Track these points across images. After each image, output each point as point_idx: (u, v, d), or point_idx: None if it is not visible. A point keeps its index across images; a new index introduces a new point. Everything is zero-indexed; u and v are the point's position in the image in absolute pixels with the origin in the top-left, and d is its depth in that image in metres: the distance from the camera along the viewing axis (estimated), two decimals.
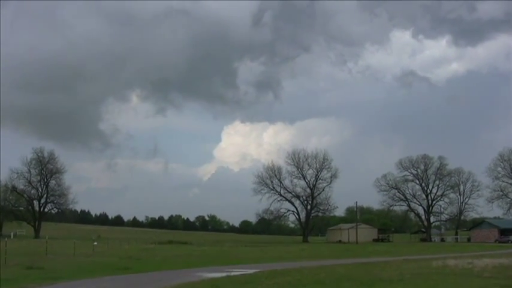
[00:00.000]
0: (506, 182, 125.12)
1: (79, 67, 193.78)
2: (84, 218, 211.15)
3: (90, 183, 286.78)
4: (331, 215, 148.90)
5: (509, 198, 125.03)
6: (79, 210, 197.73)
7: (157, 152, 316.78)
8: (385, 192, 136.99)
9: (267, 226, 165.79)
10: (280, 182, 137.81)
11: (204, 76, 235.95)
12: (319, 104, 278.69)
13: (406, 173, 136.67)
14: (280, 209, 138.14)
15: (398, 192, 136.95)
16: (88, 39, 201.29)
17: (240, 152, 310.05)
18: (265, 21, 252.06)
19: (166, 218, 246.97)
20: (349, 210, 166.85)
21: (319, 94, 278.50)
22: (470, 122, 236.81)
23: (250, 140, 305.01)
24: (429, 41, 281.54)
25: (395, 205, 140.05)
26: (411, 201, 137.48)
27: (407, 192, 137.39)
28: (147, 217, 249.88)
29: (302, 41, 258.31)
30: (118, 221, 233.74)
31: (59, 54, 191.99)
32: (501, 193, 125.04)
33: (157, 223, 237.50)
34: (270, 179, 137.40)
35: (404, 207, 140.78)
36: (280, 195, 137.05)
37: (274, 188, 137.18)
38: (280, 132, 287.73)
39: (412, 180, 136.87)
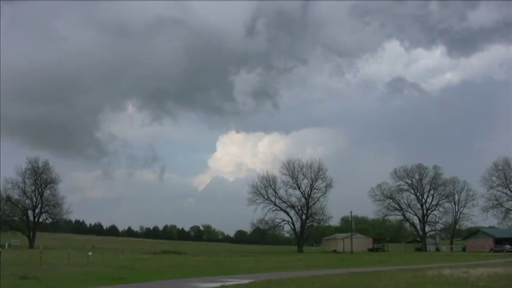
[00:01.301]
0: (501, 192, 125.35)
1: (74, 78, 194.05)
2: (78, 228, 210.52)
3: (85, 192, 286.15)
4: (326, 224, 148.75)
5: (504, 207, 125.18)
6: (74, 220, 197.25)
7: (153, 162, 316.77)
8: (380, 202, 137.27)
9: (262, 236, 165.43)
10: (275, 192, 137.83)
11: (199, 86, 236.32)
12: (314, 114, 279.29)
13: (400, 182, 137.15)
14: (275, 218, 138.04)
15: (393, 201, 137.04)
16: (83, 50, 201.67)
17: (235, 161, 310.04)
18: (259, 31, 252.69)
19: (161, 227, 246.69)
20: (344, 220, 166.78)
21: (314, 104, 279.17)
22: (464, 131, 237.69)
23: (245, 150, 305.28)
24: (423, 51, 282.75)
25: (390, 215, 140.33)
26: (406, 211, 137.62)
27: (402, 201, 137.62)
28: (141, 227, 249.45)
29: (297, 52, 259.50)
30: (113, 230, 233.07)
31: (54, 66, 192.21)
32: (496, 202, 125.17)
33: (152, 233, 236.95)
34: (264, 188, 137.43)
35: (399, 217, 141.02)
36: (275, 205, 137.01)
37: (269, 197, 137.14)
38: (275, 142, 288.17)
39: (407, 190, 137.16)
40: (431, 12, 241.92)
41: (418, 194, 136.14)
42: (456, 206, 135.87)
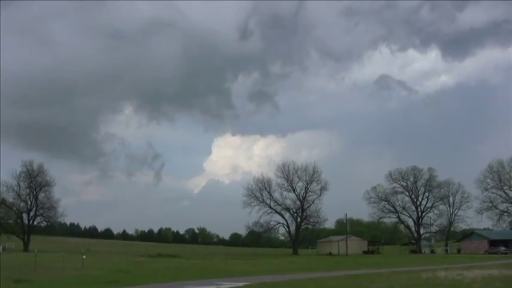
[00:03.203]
0: (496, 193, 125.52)
1: (71, 81, 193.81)
2: (73, 231, 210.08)
3: (80, 196, 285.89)
4: (321, 227, 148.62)
5: (499, 209, 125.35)
6: (68, 223, 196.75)
7: (148, 165, 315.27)
8: (375, 204, 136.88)
9: (257, 239, 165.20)
10: (270, 195, 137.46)
11: (196, 89, 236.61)
12: (310, 117, 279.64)
13: (395, 185, 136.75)
14: (270, 221, 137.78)
15: (388, 204, 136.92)
16: (79, 54, 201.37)
17: (231, 164, 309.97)
18: (254, 33, 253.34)
19: (156, 230, 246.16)
20: (339, 223, 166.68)
21: (310, 107, 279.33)
22: (459, 134, 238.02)
23: (241, 152, 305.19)
24: (417, 54, 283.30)
25: (385, 217, 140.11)
26: (401, 213, 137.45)
27: (397, 204, 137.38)
28: (136, 230, 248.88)
29: (292, 55, 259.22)
30: (107, 233, 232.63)
31: (50, 70, 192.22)
32: (490, 204, 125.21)
33: (147, 236, 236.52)
34: (260, 191, 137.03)
35: (394, 219, 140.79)
36: (270, 207, 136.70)
37: (264, 200, 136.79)
38: (271, 145, 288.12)
39: (402, 192, 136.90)
40: (422, 15, 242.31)
41: (412, 196, 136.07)
42: (451, 208, 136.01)
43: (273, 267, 55.60)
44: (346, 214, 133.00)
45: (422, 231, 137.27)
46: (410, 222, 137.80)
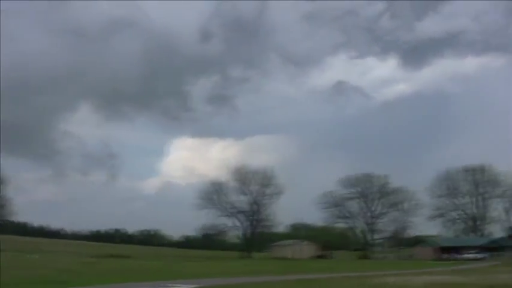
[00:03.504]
0: (446, 201, 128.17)
1: (27, 79, 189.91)
2: (25, 230, 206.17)
3: (33, 194, 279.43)
4: (275, 231, 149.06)
5: (449, 216, 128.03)
6: (20, 222, 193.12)
7: (104, 165, 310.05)
8: (327, 210, 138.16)
9: (210, 241, 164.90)
10: (225, 198, 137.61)
11: (155, 90, 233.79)
12: (268, 121, 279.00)
13: (349, 190, 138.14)
14: (224, 224, 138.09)
15: (341, 209, 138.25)
16: (36, 52, 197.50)
17: (188, 166, 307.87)
18: (215, 36, 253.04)
19: (110, 231, 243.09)
20: (293, 227, 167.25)
21: (269, 111, 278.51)
22: (414, 141, 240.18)
23: (198, 154, 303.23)
24: (376, 61, 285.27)
25: (338, 222, 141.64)
26: (354, 219, 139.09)
27: (350, 209, 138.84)
28: (90, 230, 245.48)
29: (252, 58, 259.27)
30: (59, 233, 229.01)
31: (5, 67, 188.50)
32: (441, 212, 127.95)
33: (100, 236, 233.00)
34: (214, 194, 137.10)
35: (347, 225, 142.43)
36: (225, 210, 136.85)
37: (219, 203, 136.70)
38: (229, 148, 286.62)
39: (355, 198, 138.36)
40: (382, 23, 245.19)
41: (365, 202, 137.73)
42: (403, 215, 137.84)
43: (225, 270, 55.46)
44: (299, 219, 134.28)
45: (374, 237, 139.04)
46: (363, 228, 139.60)
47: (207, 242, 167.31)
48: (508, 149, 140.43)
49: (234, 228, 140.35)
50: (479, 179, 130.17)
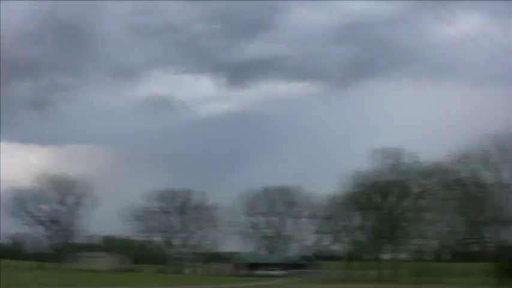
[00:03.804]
0: (258, 219, 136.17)
1: None
2: None
3: None
4: (85, 242, 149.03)
5: (255, 234, 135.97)
6: None
7: None
8: (137, 222, 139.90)
9: (21, 250, 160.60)
10: (35, 206, 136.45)
11: None
12: (89, 130, 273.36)
13: (159, 204, 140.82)
14: (32, 232, 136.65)
15: (149, 223, 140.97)
16: None
17: (3, 172, 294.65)
18: (40, 41, 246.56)
19: None
20: (106, 239, 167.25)
21: (90, 120, 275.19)
22: (232, 159, 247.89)
23: (15, 161, 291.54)
24: (203, 78, 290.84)
25: (147, 236, 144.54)
26: (161, 232, 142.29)
27: (158, 223, 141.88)
28: None
29: (77, 67, 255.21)
30: None
31: None
32: (246, 229, 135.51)
33: None
34: (28, 202, 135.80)
35: (155, 238, 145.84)
36: (36, 219, 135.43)
37: (29, 211, 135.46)
38: (48, 155, 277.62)
39: (164, 212, 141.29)
40: (211, 41, 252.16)
41: (173, 217, 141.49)
42: (205, 231, 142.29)
43: (18, 281, 55.75)
44: (110, 230, 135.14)
45: (179, 250, 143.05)
46: (170, 242, 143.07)
47: (19, 251, 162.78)
48: (319, 172, 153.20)
49: (41, 238, 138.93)
50: (277, 200, 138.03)
